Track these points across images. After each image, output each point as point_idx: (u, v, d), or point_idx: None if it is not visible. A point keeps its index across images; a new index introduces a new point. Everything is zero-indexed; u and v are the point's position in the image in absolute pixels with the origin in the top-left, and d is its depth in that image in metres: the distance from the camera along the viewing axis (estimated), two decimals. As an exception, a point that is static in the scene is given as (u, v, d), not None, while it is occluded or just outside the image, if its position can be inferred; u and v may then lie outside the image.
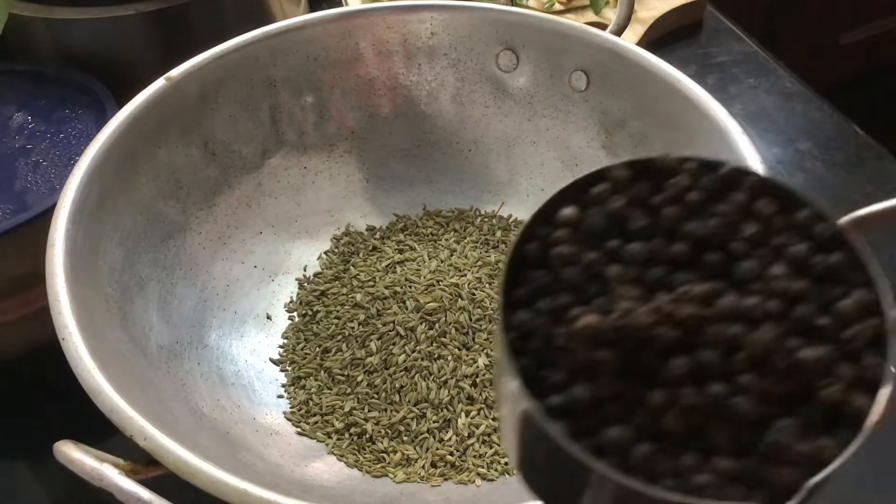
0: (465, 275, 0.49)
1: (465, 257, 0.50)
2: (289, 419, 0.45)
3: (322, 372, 0.46)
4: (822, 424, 0.19)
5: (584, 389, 0.19)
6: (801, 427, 0.19)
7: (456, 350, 0.45)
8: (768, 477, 0.19)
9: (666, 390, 0.19)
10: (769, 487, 0.19)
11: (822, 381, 0.19)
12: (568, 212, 0.22)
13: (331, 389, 0.46)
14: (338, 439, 0.44)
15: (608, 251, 0.21)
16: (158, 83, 0.46)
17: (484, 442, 0.43)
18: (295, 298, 0.51)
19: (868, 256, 0.21)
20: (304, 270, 0.52)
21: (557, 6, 0.73)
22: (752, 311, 0.20)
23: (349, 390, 0.45)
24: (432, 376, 0.44)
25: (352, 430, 0.44)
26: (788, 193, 0.22)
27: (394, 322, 0.47)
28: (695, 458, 0.19)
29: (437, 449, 0.43)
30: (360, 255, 0.52)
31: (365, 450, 0.43)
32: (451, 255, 0.51)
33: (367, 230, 0.54)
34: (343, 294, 0.50)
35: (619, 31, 0.52)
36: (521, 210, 0.54)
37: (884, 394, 0.19)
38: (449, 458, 0.42)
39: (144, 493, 0.31)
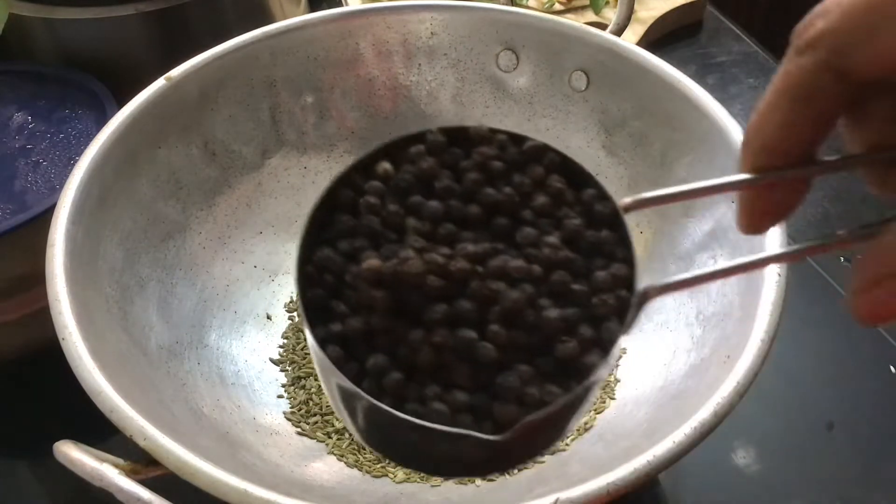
0: (465, 275, 0.48)
1: (465, 257, 0.50)
2: (289, 419, 0.45)
3: (322, 372, 0.46)
4: (556, 374, 0.22)
5: (358, 321, 0.22)
6: (535, 374, 0.22)
7: (456, 350, 0.45)
8: (494, 411, 0.22)
9: (424, 330, 0.22)
10: (493, 420, 0.22)
11: (562, 337, 0.22)
12: (383, 166, 0.24)
13: (331, 389, 0.46)
14: (338, 439, 0.44)
15: (410, 205, 0.24)
16: (158, 83, 0.46)
17: (484, 442, 0.43)
18: (295, 298, 0.51)
19: (630, 236, 0.23)
20: (304, 270, 0.52)
21: (557, 6, 0.73)
22: (515, 272, 0.22)
23: (349, 390, 0.45)
24: (432, 376, 0.44)
25: (352, 430, 0.44)
26: (581, 173, 0.24)
27: (394, 322, 0.47)
28: (437, 389, 0.22)
29: (437, 449, 0.43)
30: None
31: (365, 450, 0.43)
32: (451, 255, 0.51)
33: (367, 230, 0.54)
34: (343, 294, 0.50)
35: (619, 31, 0.52)
36: (521, 210, 0.54)
37: (614, 353, 0.22)
38: (449, 458, 0.42)
39: (144, 493, 0.31)
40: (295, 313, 0.50)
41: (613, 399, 0.45)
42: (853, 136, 0.23)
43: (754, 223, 0.24)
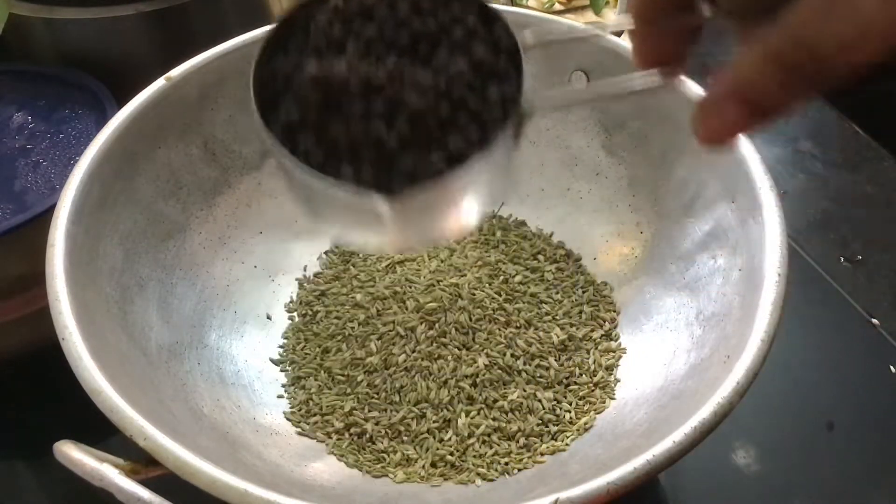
0: (465, 275, 0.49)
1: (465, 257, 0.50)
2: (289, 419, 0.45)
3: (322, 372, 0.46)
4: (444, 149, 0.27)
5: (295, 113, 0.28)
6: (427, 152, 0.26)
7: (456, 350, 0.45)
8: (400, 164, 0.26)
9: (345, 120, 0.27)
10: (400, 172, 0.27)
11: (473, 94, 0.27)
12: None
13: (331, 389, 0.46)
14: (338, 439, 0.44)
15: (351, 28, 0.28)
16: (158, 83, 0.46)
17: (484, 442, 0.43)
18: (295, 298, 0.51)
19: (524, 65, 0.29)
20: (304, 270, 0.52)
21: (557, 6, 0.73)
22: (423, 80, 0.27)
23: (349, 390, 0.45)
24: (432, 376, 0.44)
25: (352, 430, 0.44)
26: (495, 15, 0.30)
27: (394, 322, 0.47)
28: (352, 161, 0.27)
29: (437, 449, 0.43)
30: (360, 254, 0.52)
31: (365, 450, 0.43)
32: (451, 255, 0.51)
33: (367, 230, 0.53)
34: (343, 294, 0.50)
35: (619, 32, 0.52)
36: (522, 210, 0.54)
37: (496, 143, 0.28)
38: (449, 458, 0.42)
39: (144, 493, 0.31)
40: (295, 313, 0.50)
41: (613, 399, 0.45)
42: None
43: (643, 61, 0.28)
